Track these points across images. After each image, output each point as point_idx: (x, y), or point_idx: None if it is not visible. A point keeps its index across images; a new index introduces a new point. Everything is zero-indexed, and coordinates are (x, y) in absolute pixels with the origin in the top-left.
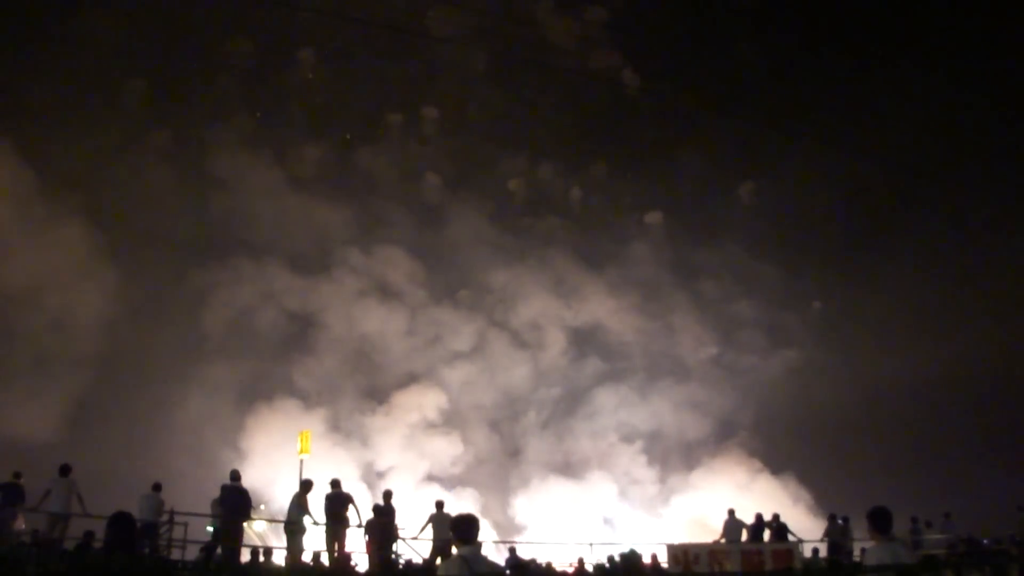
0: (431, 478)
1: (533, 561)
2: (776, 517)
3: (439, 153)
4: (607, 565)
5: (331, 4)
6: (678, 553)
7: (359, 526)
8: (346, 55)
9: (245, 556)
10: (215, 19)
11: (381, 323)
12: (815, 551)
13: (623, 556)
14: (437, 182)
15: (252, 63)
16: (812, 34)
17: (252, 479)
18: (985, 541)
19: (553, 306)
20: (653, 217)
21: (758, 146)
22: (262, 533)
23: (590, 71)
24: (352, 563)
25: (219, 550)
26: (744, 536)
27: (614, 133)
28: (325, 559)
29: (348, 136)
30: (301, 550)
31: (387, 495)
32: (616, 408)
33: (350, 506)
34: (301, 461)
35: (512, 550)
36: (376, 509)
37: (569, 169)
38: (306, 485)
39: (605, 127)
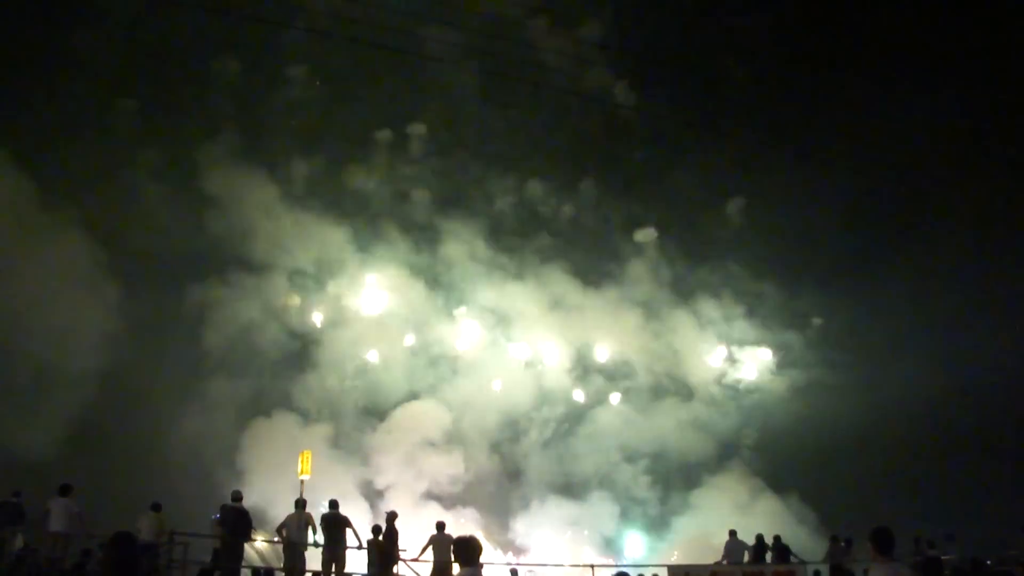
0: (431, 497)
1: None
2: (778, 538)
3: (431, 172)
4: None
5: (323, 23)
6: (679, 575)
7: (359, 547)
8: (337, 74)
9: None
10: (204, 38)
11: (381, 340)
12: (816, 573)
13: None
14: (430, 200)
15: (242, 82)
16: (807, 50)
17: (252, 498)
18: (988, 562)
19: (554, 325)
20: (647, 234)
21: (753, 164)
22: (263, 553)
23: (583, 90)
24: None
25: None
26: (746, 557)
27: (606, 151)
28: None
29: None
30: (303, 570)
31: (391, 517)
32: (618, 428)
33: (347, 529)
34: (302, 482)
35: (514, 572)
36: (375, 529)
37: (561, 187)
38: (303, 504)
39: (597, 145)
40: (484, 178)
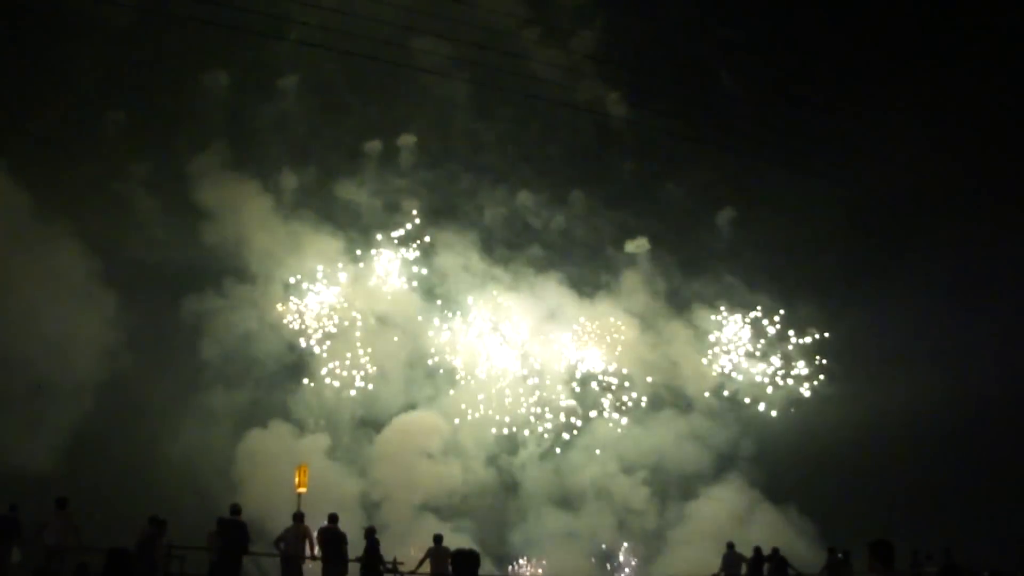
0: (427, 509)
1: None
2: (776, 551)
3: (422, 183)
4: None
5: (314, 35)
6: None
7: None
8: (328, 86)
9: None
10: (195, 51)
11: (379, 351)
12: None
13: None
14: (422, 212)
15: (233, 94)
16: (799, 61)
17: (248, 510)
18: (987, 574)
19: (551, 336)
20: (640, 245)
21: (745, 175)
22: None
23: (575, 102)
24: None
25: None
26: (743, 570)
27: (597, 163)
28: None
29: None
30: None
31: (369, 532)
32: (615, 439)
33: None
34: (299, 495)
35: None
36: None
37: (552, 199)
38: (301, 518)
39: (588, 157)
40: (475, 189)
